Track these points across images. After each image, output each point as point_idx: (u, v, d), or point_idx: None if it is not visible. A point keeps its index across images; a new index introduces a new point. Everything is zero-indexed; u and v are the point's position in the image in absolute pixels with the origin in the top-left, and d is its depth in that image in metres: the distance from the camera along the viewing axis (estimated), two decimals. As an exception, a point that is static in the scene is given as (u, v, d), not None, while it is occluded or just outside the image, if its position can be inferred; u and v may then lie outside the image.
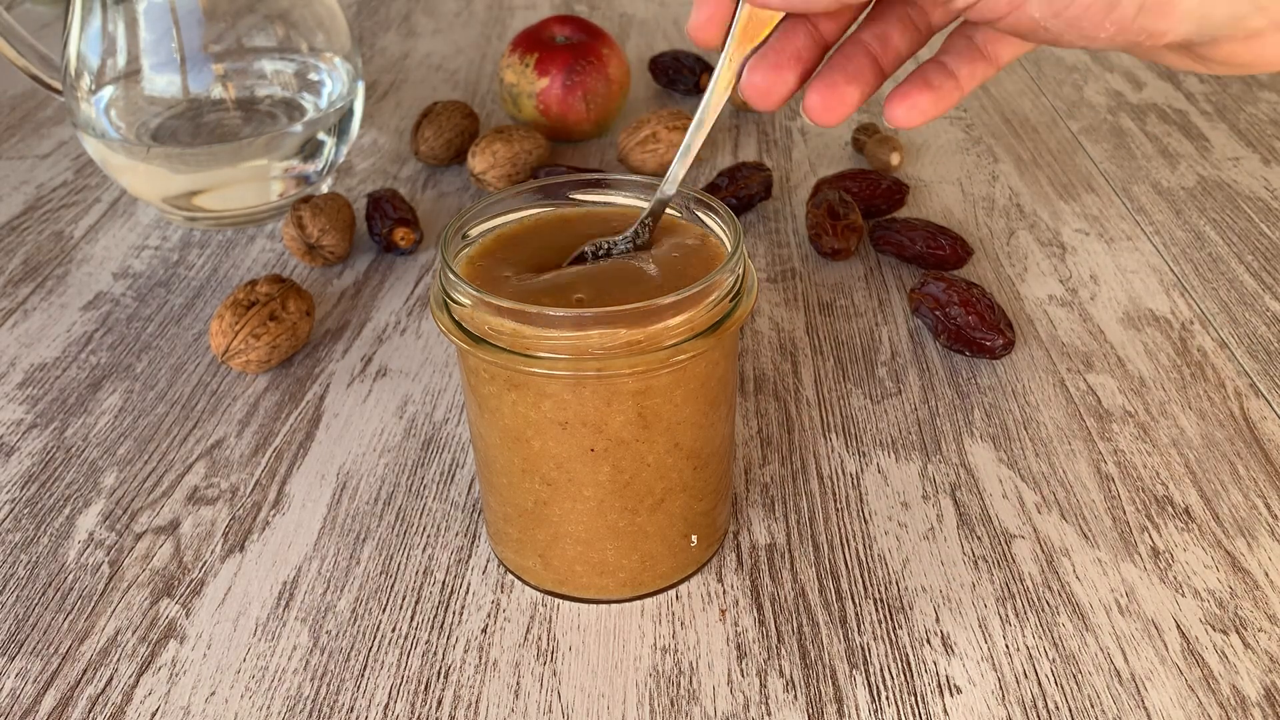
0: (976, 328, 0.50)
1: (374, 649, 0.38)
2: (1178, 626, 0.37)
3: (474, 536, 0.42)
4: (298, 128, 0.61)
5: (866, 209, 0.61)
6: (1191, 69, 0.32)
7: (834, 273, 0.58)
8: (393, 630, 0.38)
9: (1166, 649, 0.37)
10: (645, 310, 0.32)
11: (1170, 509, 0.42)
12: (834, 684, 0.36)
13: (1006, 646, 0.37)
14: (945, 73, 0.34)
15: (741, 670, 0.37)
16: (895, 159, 0.66)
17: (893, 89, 0.34)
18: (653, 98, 0.79)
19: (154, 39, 0.59)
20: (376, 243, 0.60)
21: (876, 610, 0.38)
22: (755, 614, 0.38)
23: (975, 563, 0.40)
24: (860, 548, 0.41)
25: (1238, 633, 0.37)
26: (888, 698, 0.35)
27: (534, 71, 0.69)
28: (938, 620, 0.38)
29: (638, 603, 0.39)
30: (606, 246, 0.37)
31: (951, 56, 0.35)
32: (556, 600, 0.39)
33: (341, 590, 0.40)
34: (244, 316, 0.49)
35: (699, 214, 0.38)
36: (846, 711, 0.35)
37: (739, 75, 0.34)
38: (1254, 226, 0.61)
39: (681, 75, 0.78)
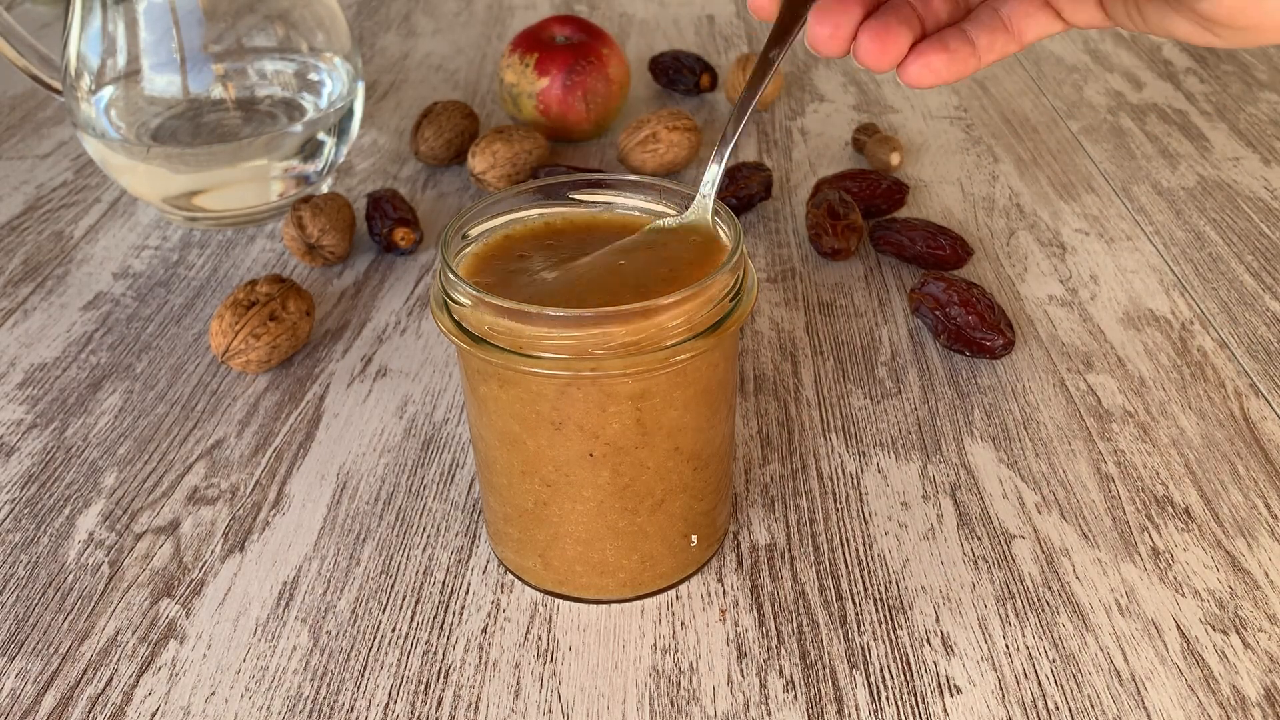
0: (976, 328, 0.50)
1: (374, 649, 0.38)
2: (1178, 626, 0.37)
3: (474, 536, 0.42)
4: (298, 128, 0.61)
5: (866, 209, 0.61)
6: (1196, 37, 0.32)
7: (834, 273, 0.58)
8: (393, 630, 0.38)
9: (1166, 649, 0.37)
10: (644, 310, 0.32)
11: (1170, 509, 0.42)
12: (834, 684, 0.36)
13: (1006, 646, 0.37)
14: (964, 39, 0.35)
15: (741, 670, 0.36)
16: (895, 159, 0.66)
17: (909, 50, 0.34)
18: (653, 98, 0.79)
19: (154, 39, 0.59)
20: (376, 243, 0.60)
21: (876, 610, 0.38)
22: (755, 614, 0.38)
23: (975, 563, 0.40)
24: (860, 548, 0.41)
25: (1238, 633, 0.37)
26: (888, 698, 0.35)
27: (534, 71, 0.69)
28: (938, 620, 0.38)
29: (638, 603, 0.39)
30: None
31: (973, 24, 0.35)
32: (556, 600, 0.39)
33: (341, 590, 0.40)
34: (244, 316, 0.49)
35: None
36: (846, 711, 0.35)
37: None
38: (1254, 226, 0.61)
39: (681, 75, 0.78)
